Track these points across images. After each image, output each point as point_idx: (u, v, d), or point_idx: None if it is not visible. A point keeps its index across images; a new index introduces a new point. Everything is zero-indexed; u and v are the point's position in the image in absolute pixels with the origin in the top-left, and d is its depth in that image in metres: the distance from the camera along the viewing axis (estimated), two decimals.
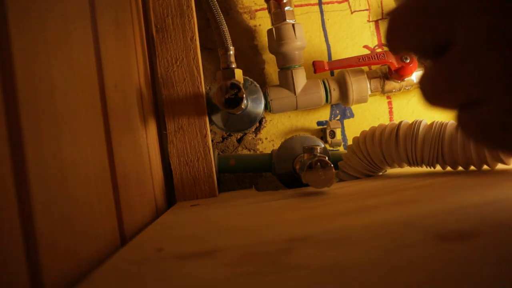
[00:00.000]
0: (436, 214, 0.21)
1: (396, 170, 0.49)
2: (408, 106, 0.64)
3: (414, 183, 0.35)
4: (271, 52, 0.58)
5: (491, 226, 0.18)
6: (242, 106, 0.46)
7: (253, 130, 0.65)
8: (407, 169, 0.47)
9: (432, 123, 0.41)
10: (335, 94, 0.57)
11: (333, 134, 0.61)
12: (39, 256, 0.16)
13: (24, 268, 0.15)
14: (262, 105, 0.56)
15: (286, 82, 0.58)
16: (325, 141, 0.61)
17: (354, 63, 0.56)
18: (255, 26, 0.65)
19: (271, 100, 0.57)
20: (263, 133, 0.65)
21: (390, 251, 0.16)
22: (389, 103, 0.63)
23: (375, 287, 0.13)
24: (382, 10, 0.65)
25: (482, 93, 0.16)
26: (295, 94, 0.57)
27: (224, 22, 0.46)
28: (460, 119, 0.18)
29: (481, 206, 0.22)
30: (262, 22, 0.64)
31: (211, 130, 0.63)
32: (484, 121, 0.16)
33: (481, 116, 0.16)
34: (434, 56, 0.17)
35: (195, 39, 0.47)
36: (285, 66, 0.57)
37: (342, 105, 0.63)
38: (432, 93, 0.18)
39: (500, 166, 0.35)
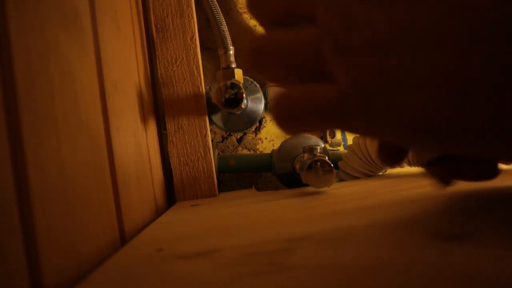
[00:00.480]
0: (436, 214, 0.21)
1: (396, 170, 0.49)
2: None
3: (414, 183, 0.35)
4: None
5: (491, 226, 0.18)
6: (242, 106, 0.46)
7: (253, 130, 0.65)
8: (407, 169, 0.47)
9: None
10: None
11: (333, 134, 0.61)
12: (39, 256, 0.16)
13: (24, 268, 0.15)
14: (262, 105, 0.56)
15: None
16: (325, 141, 0.61)
17: None
18: (255, 26, 0.65)
19: (271, 100, 0.57)
20: (263, 133, 0.65)
21: (389, 250, 0.16)
22: None
23: (374, 286, 0.13)
24: None
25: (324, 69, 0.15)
26: None
27: (224, 22, 0.46)
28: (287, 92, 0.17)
29: (481, 206, 0.22)
30: None
31: (211, 130, 0.63)
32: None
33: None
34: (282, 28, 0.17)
35: (195, 39, 0.47)
36: None
37: None
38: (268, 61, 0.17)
39: (502, 166, 0.35)
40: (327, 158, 0.36)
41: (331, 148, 0.61)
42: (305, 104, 0.16)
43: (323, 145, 0.50)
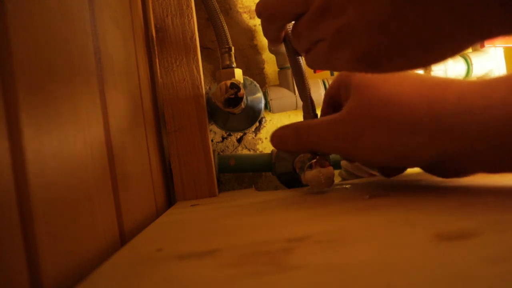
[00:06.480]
0: (436, 214, 0.21)
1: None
2: None
3: (415, 182, 0.35)
4: (271, 51, 0.58)
5: (491, 226, 0.18)
6: (242, 106, 0.46)
7: (253, 129, 0.65)
8: (410, 168, 0.47)
9: None
10: None
11: None
12: (39, 256, 0.16)
13: (23, 269, 0.15)
14: (262, 105, 0.56)
15: (286, 81, 0.58)
16: None
17: None
18: (254, 25, 0.65)
19: (271, 99, 0.57)
20: (263, 133, 0.65)
21: (389, 250, 0.16)
22: None
23: (374, 286, 0.13)
24: None
25: (319, 37, 0.27)
26: (295, 94, 0.57)
27: (224, 22, 0.46)
28: (308, 57, 0.29)
29: (482, 206, 0.22)
30: None
31: (211, 130, 0.63)
32: (319, 53, 0.27)
33: (317, 51, 0.27)
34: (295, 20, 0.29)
35: (195, 39, 0.47)
36: (285, 65, 0.57)
37: None
38: (293, 41, 0.31)
39: None
40: (328, 158, 0.36)
41: None
42: None
43: None
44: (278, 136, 0.36)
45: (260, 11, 0.31)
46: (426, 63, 0.24)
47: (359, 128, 0.29)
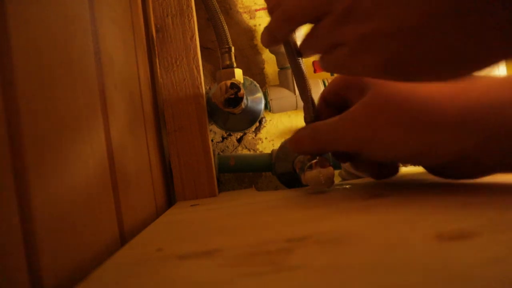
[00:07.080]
0: (436, 214, 0.21)
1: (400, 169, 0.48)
2: None
3: (415, 182, 0.35)
4: (271, 51, 0.58)
5: (491, 226, 0.18)
6: (242, 106, 0.46)
7: (253, 129, 0.65)
8: (411, 168, 0.47)
9: None
10: None
11: None
12: (39, 256, 0.16)
13: (23, 269, 0.15)
14: (262, 105, 0.56)
15: (286, 81, 0.58)
16: None
17: None
18: (255, 25, 0.65)
19: (271, 99, 0.57)
20: (263, 133, 0.65)
21: (389, 250, 0.16)
22: None
23: (374, 287, 0.13)
24: None
25: (339, 41, 0.26)
26: (295, 94, 0.57)
27: (224, 22, 0.46)
28: (323, 60, 0.29)
29: (482, 206, 0.22)
30: (262, 22, 0.64)
31: (211, 130, 0.64)
32: (338, 58, 0.26)
33: (336, 55, 0.26)
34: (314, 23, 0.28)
35: (195, 39, 0.47)
36: (285, 65, 0.57)
37: None
38: (308, 42, 0.29)
39: None
40: (327, 158, 0.36)
41: None
42: None
43: None
44: (295, 140, 0.36)
45: (273, 10, 0.29)
46: (456, 76, 0.22)
47: (378, 123, 0.28)
